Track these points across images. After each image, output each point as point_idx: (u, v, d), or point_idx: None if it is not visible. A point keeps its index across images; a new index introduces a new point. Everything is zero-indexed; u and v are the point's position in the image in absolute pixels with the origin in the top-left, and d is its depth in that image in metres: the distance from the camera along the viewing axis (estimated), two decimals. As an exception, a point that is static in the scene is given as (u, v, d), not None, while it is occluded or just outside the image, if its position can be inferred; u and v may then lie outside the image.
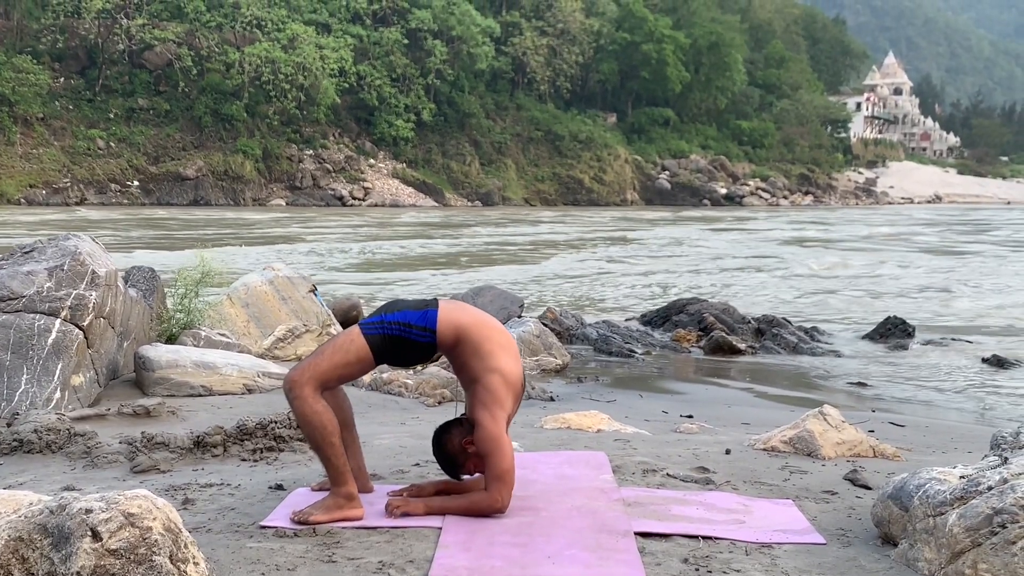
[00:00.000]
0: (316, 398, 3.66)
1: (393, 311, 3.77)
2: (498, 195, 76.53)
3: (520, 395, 3.82)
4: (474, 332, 3.75)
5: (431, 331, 3.72)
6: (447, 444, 3.80)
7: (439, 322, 3.72)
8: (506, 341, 3.81)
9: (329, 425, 3.65)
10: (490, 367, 3.71)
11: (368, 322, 3.77)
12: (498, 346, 3.75)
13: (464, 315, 3.80)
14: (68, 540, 2.60)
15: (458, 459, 3.80)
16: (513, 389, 3.75)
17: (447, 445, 3.80)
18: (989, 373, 10.62)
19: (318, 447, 3.69)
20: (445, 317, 3.74)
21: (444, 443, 3.81)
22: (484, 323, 3.82)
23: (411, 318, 3.73)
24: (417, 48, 77.76)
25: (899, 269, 24.90)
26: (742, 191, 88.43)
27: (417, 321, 3.72)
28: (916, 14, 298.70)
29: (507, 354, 3.76)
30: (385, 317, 3.75)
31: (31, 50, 65.20)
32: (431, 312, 3.74)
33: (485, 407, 3.67)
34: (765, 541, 3.48)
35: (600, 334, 12.04)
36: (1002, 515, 2.97)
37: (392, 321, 3.73)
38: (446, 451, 3.81)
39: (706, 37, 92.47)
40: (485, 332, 3.77)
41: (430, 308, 3.76)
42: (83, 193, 60.40)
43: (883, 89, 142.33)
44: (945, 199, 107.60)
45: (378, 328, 3.73)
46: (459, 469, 3.83)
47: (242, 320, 9.30)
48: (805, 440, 5.07)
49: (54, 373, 6.15)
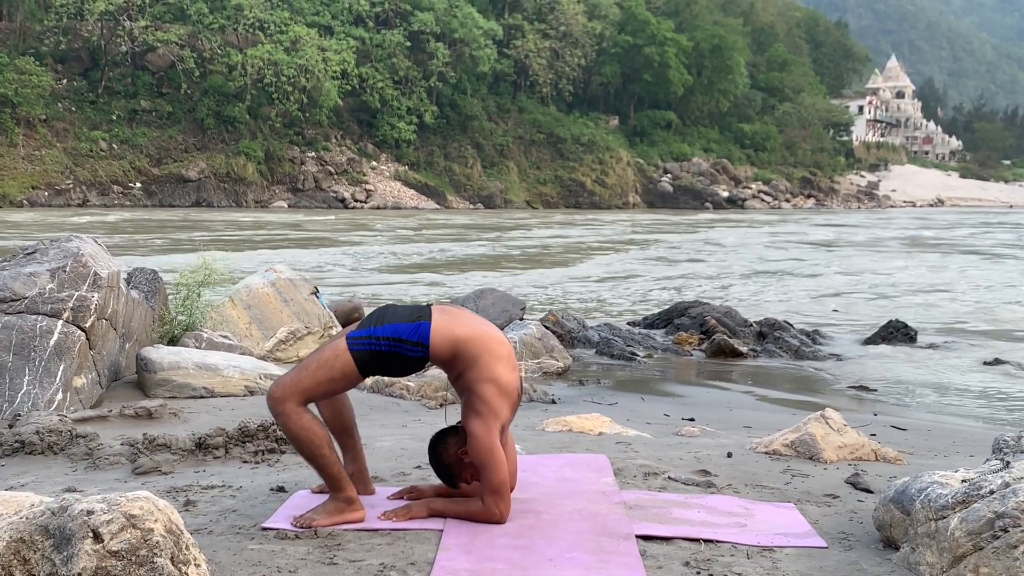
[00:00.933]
0: (300, 413, 3.58)
1: (383, 323, 3.64)
2: (500, 198, 76.54)
3: (516, 404, 3.75)
4: (470, 345, 3.64)
5: (423, 346, 3.61)
6: (443, 454, 3.74)
7: (432, 335, 3.61)
8: (503, 351, 3.70)
9: (316, 438, 3.59)
10: (485, 377, 3.63)
11: (356, 336, 3.63)
12: (494, 356, 3.66)
13: (459, 327, 3.67)
14: (69, 541, 2.60)
15: (454, 469, 3.75)
16: (509, 399, 3.68)
17: (443, 455, 3.75)
18: (991, 376, 10.61)
19: (310, 459, 3.65)
20: (439, 330, 3.63)
21: (440, 453, 3.75)
22: (480, 334, 3.70)
23: (402, 332, 3.61)
24: (419, 50, 77.79)
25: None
26: (744, 194, 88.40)
27: (409, 336, 3.61)
28: (918, 17, 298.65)
29: (503, 364, 3.67)
30: (375, 331, 3.61)
31: (34, 52, 65.25)
32: (424, 325, 3.62)
33: (480, 416, 3.61)
34: (767, 544, 3.48)
35: (602, 337, 12.04)
36: (1004, 519, 2.96)
37: (381, 336, 3.60)
38: (442, 461, 3.76)
39: (708, 40, 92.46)
40: (482, 343, 3.66)
41: (422, 320, 3.64)
42: (85, 195, 60.44)
43: (885, 92, 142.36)
44: (947, 202, 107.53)
45: (366, 344, 3.60)
46: (456, 479, 3.78)
47: (244, 322, 9.30)
48: (807, 443, 5.07)
49: (56, 374, 6.15)
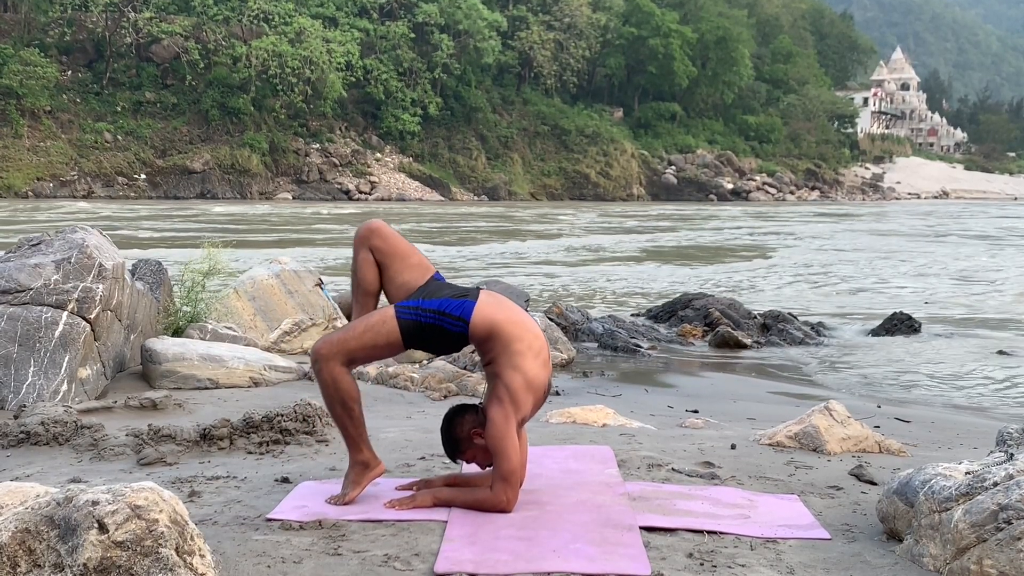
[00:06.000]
0: (341, 371, 3.70)
1: (431, 298, 3.74)
2: (504, 189, 76.49)
3: (541, 401, 3.79)
4: (507, 329, 3.70)
5: (464, 321, 3.69)
6: (456, 427, 3.80)
7: (475, 313, 3.69)
8: (538, 345, 3.75)
9: (350, 398, 3.72)
10: (515, 365, 3.68)
11: (405, 305, 3.75)
12: (528, 347, 3.70)
13: (501, 311, 3.75)
14: (75, 532, 2.61)
15: (461, 444, 3.80)
16: (535, 394, 3.73)
17: (456, 428, 3.80)
18: (996, 367, 10.60)
19: (339, 417, 3.75)
20: (481, 310, 3.70)
21: (454, 425, 3.80)
22: (519, 322, 3.76)
23: (447, 306, 3.71)
24: (424, 42, 77.71)
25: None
26: (748, 186, 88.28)
27: (452, 310, 3.70)
28: (923, 9, 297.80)
29: (536, 358, 3.72)
30: (423, 303, 3.72)
31: (38, 43, 65.28)
32: (468, 303, 3.71)
33: (501, 404, 3.66)
34: (770, 536, 3.48)
35: (606, 328, 12.04)
36: (1007, 511, 2.97)
37: (428, 309, 3.71)
38: (453, 433, 3.81)
39: (713, 32, 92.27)
40: (518, 331, 3.72)
41: (468, 298, 3.73)
42: (90, 186, 60.48)
43: (890, 84, 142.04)
44: (952, 195, 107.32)
45: (413, 314, 3.71)
46: (459, 454, 3.83)
47: (248, 313, 9.31)
48: (810, 435, 5.07)
49: (61, 365, 6.16)
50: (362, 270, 3.88)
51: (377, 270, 3.88)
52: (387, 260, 3.87)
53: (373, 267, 3.87)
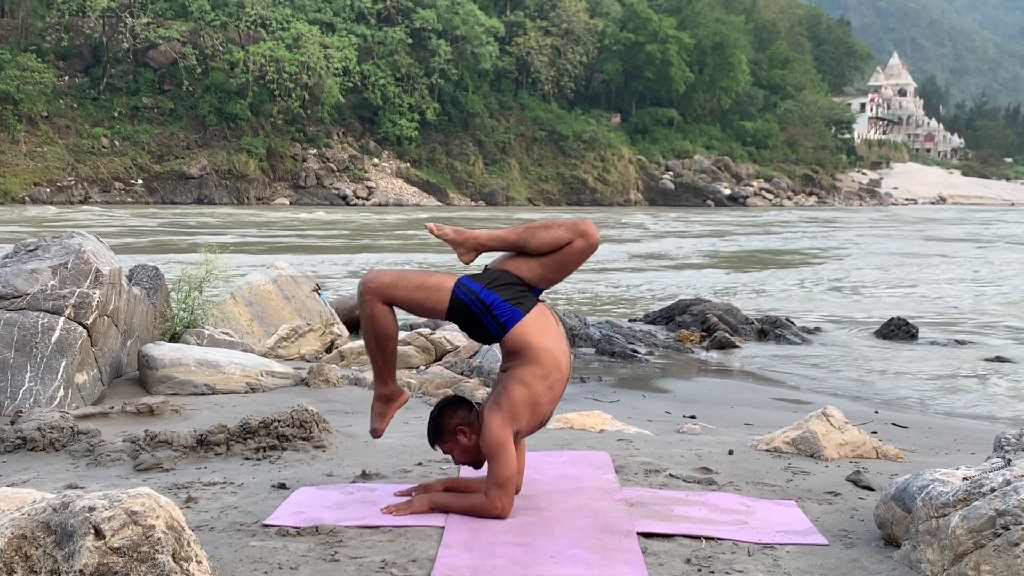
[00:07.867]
0: (382, 309, 3.76)
1: (492, 288, 3.76)
2: (502, 195, 76.55)
3: (537, 428, 3.83)
4: (536, 354, 3.72)
5: (504, 330, 3.72)
6: (446, 417, 3.80)
7: (515, 328, 3.72)
8: (556, 379, 3.76)
9: (389, 333, 3.79)
10: (527, 382, 3.69)
11: (466, 283, 3.77)
12: (545, 377, 3.72)
13: (540, 337, 3.75)
14: (71, 538, 2.61)
15: (444, 435, 3.80)
16: (533, 416, 3.74)
17: (445, 418, 3.80)
18: (992, 374, 10.60)
19: (374, 349, 3.81)
20: (523, 328, 3.72)
21: (444, 415, 3.81)
22: (552, 354, 3.76)
23: (498, 309, 3.73)
24: (421, 47, 77.78)
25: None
26: (746, 191, 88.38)
27: (500, 313, 3.72)
28: (921, 15, 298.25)
29: (549, 390, 3.74)
30: (481, 291, 3.74)
31: (36, 48, 65.33)
32: (517, 314, 3.73)
33: (500, 410, 3.66)
34: (768, 542, 3.48)
35: (603, 334, 12.03)
36: (1005, 517, 2.96)
37: (483, 300, 3.73)
38: (441, 421, 3.81)
39: (710, 37, 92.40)
40: (546, 360, 3.73)
41: (518, 311, 3.74)
42: (87, 191, 60.50)
43: (887, 90, 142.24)
44: (949, 200, 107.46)
45: (466, 296, 3.73)
46: (439, 443, 3.84)
47: (245, 319, 9.31)
48: (808, 441, 5.06)
49: (58, 371, 6.15)
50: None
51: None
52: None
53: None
